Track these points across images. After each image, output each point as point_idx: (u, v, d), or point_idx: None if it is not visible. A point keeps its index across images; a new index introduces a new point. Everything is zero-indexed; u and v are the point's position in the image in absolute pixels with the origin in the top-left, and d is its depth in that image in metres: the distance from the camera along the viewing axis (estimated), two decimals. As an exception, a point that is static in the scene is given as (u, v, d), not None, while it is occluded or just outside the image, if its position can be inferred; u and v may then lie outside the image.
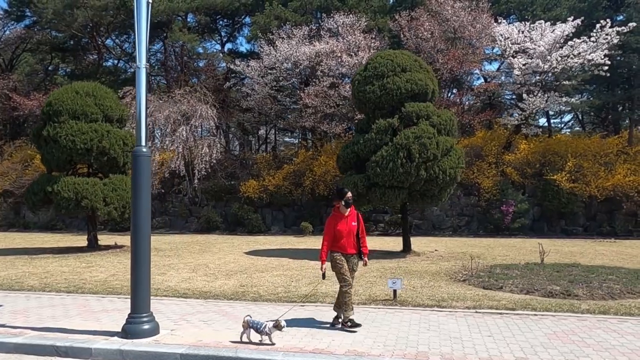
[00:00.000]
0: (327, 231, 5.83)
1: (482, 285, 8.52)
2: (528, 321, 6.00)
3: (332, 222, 5.86)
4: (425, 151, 11.37)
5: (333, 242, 5.82)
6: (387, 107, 12.21)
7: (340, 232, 5.82)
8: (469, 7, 20.83)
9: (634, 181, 19.14)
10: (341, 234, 5.82)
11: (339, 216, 5.88)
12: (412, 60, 12.56)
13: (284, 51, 21.64)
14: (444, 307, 6.84)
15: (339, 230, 5.82)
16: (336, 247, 5.84)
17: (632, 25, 18.82)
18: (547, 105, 20.32)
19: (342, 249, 5.85)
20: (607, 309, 6.53)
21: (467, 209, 21.61)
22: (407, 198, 12.28)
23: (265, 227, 22.86)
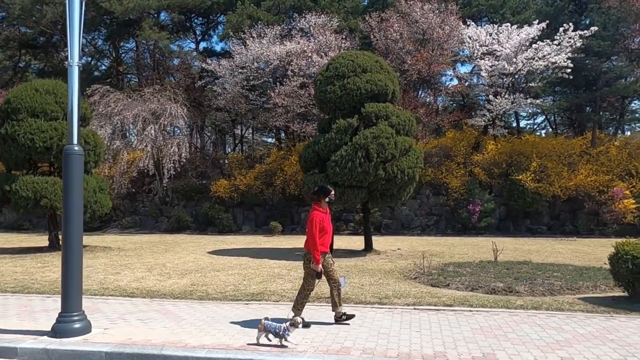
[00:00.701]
0: (316, 227, 5.63)
1: (431, 282, 8.68)
2: (461, 317, 6.15)
3: (319, 217, 5.70)
4: (384, 151, 11.52)
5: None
6: (347, 107, 12.32)
7: (326, 229, 5.75)
8: (438, 10, 21.10)
9: (595, 181, 19.64)
10: (326, 230, 5.75)
11: (323, 212, 5.79)
12: (373, 61, 12.69)
13: (254, 50, 21.62)
14: (385, 304, 6.96)
15: (325, 228, 5.73)
16: (321, 246, 5.69)
17: (594, 29, 19.30)
18: (514, 106, 20.70)
19: (325, 247, 5.77)
20: (540, 304, 6.72)
21: (436, 208, 21.90)
22: (367, 197, 12.41)
23: (236, 226, 22.81)
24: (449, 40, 20.84)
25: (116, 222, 23.87)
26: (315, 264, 5.60)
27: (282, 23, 23.35)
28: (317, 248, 5.58)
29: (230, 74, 22.41)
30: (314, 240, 5.60)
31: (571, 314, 6.22)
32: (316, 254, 5.58)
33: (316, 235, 5.60)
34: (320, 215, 5.72)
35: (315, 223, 5.64)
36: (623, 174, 20.17)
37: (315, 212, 5.75)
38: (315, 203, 5.87)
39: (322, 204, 5.84)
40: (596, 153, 20.98)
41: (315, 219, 5.66)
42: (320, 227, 5.65)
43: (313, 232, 5.62)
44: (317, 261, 5.59)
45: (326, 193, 5.89)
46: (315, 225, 5.63)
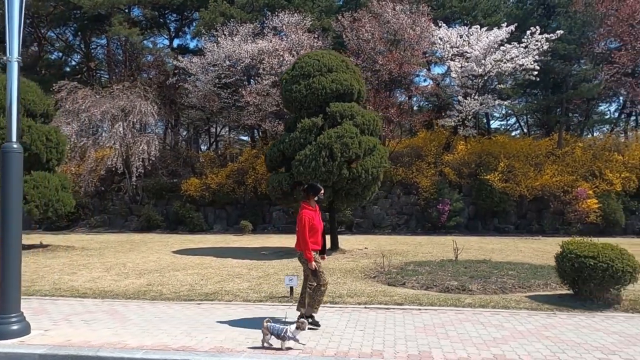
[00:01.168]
0: (307, 225, 5.51)
1: (388, 281, 8.76)
2: (408, 316, 6.23)
3: (309, 215, 5.57)
4: (347, 150, 11.56)
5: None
6: (312, 106, 12.32)
7: (316, 227, 5.65)
8: (410, 11, 21.26)
9: (560, 181, 20.09)
10: (317, 229, 5.65)
11: (312, 211, 5.69)
12: (338, 61, 12.72)
13: (226, 48, 21.44)
14: (337, 303, 6.99)
15: (315, 226, 5.63)
16: (311, 244, 5.58)
17: (560, 32, 19.74)
18: (483, 107, 21.02)
19: (317, 245, 5.67)
20: (487, 302, 6.85)
21: (407, 207, 22.10)
22: (333, 196, 12.43)
23: (207, 225, 22.62)
24: (420, 41, 21.01)
25: (84, 221, 23.43)
26: (309, 262, 5.50)
27: (255, 21, 23.21)
28: (308, 247, 5.48)
29: (202, 71, 22.20)
30: (304, 239, 5.49)
31: (515, 312, 6.36)
32: (308, 253, 5.49)
33: (307, 234, 5.49)
34: (310, 214, 5.62)
35: (305, 222, 5.52)
36: (587, 175, 20.69)
37: (305, 210, 5.64)
38: (304, 201, 5.78)
39: (311, 202, 5.75)
40: (562, 154, 21.47)
41: (305, 218, 5.55)
42: (310, 225, 5.54)
43: (303, 231, 5.50)
44: (310, 259, 5.49)
45: (316, 191, 5.80)
46: (305, 224, 5.51)
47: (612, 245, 6.81)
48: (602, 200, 19.50)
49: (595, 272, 6.45)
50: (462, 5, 27.99)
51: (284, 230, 21.95)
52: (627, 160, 20.60)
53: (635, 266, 6.49)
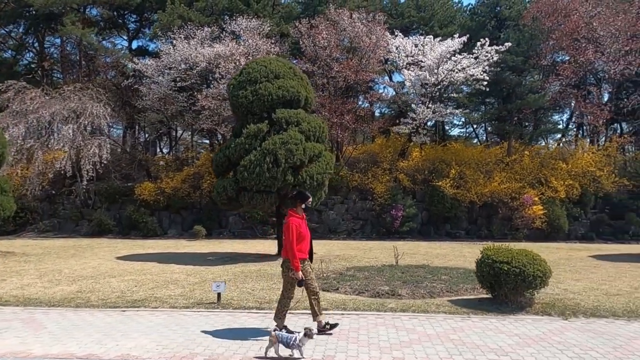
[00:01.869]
0: (294, 234, 5.42)
1: (323, 287, 8.82)
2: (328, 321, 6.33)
3: (296, 223, 5.49)
4: (292, 157, 11.65)
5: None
6: (258, 112, 12.38)
7: (303, 235, 5.55)
8: (366, 19, 21.63)
9: (508, 188, 20.78)
10: (304, 236, 5.55)
11: (299, 218, 5.61)
12: (286, 68, 12.83)
13: (182, 51, 21.25)
14: (263, 309, 7.05)
15: (302, 233, 5.53)
16: (298, 252, 5.47)
17: (508, 45, 20.49)
18: (435, 115, 21.55)
19: (303, 253, 5.55)
20: (409, 307, 7.05)
21: (362, 213, 22.38)
22: (279, 202, 12.49)
23: (161, 230, 22.28)
24: (376, 50, 21.39)
25: (33, 226, 22.67)
26: (295, 271, 5.39)
27: (213, 25, 23.09)
28: (295, 255, 5.37)
29: (157, 74, 21.90)
30: (291, 247, 5.38)
31: (432, 316, 6.57)
32: (295, 262, 5.37)
33: (294, 242, 5.39)
34: (297, 221, 5.54)
35: (293, 229, 5.42)
36: (534, 182, 21.47)
37: (292, 218, 5.54)
38: (291, 209, 5.70)
39: (298, 209, 5.66)
40: (511, 162, 22.23)
41: (292, 225, 5.45)
42: (297, 233, 5.45)
43: (291, 239, 5.39)
44: (297, 268, 5.38)
45: (303, 199, 5.70)
46: (293, 232, 5.40)
47: (526, 251, 7.13)
48: (547, 206, 20.27)
49: (508, 276, 6.74)
50: (420, 15, 28.77)
51: (239, 235, 21.87)
52: (571, 169, 21.51)
53: (546, 271, 6.82)
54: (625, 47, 20.71)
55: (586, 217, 21.51)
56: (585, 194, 21.23)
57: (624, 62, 20.99)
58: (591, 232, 21.02)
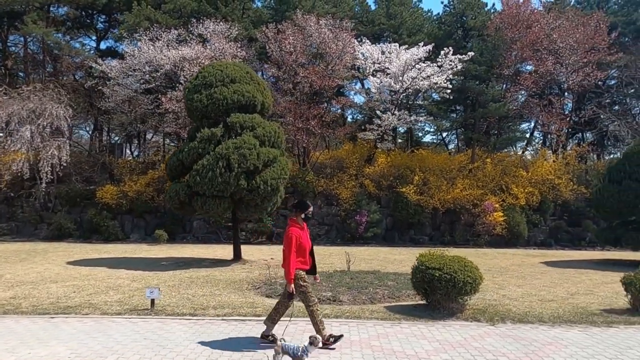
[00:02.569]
0: (293, 244, 5.29)
1: (267, 293, 8.83)
2: (248, 327, 6.29)
3: (296, 233, 5.36)
4: (245, 161, 11.61)
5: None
6: (213, 116, 12.30)
7: (304, 246, 5.41)
8: (333, 25, 21.75)
9: (470, 195, 21.10)
10: (304, 247, 5.42)
11: (300, 229, 5.46)
12: (243, 72, 12.80)
13: (147, 53, 21.00)
14: (196, 315, 6.97)
15: (303, 245, 5.39)
16: (299, 264, 5.36)
17: (471, 54, 20.89)
18: (400, 122, 21.77)
19: (305, 265, 5.42)
20: (343, 313, 7.07)
21: (328, 218, 22.41)
22: (233, 207, 12.42)
23: (123, 234, 21.87)
24: (342, 56, 21.52)
25: (-11, 229, 22.00)
26: (288, 283, 5.27)
27: (181, 27, 22.90)
28: (291, 266, 5.24)
29: (122, 75, 21.59)
30: (289, 258, 5.26)
31: (363, 322, 6.60)
32: (289, 274, 5.25)
33: (293, 253, 5.25)
34: (298, 232, 5.39)
35: (293, 240, 5.28)
36: (496, 189, 21.87)
37: (293, 228, 5.39)
38: (292, 218, 5.55)
39: (298, 219, 5.51)
40: (474, 169, 22.59)
41: (293, 236, 5.30)
42: (298, 244, 5.32)
43: (290, 249, 5.26)
44: (290, 280, 5.26)
45: (304, 208, 5.54)
46: (293, 243, 5.27)
47: (459, 257, 7.24)
48: (507, 213, 20.64)
49: (440, 282, 6.83)
50: (390, 22, 29.05)
51: (203, 239, 21.65)
52: (532, 177, 21.98)
53: (476, 277, 6.94)
54: (583, 59, 21.33)
55: (545, 224, 21.99)
56: (544, 202, 21.71)
57: (582, 74, 21.62)
58: (550, 238, 21.50)
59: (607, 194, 13.42)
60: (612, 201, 13.29)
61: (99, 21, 32.00)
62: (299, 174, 22.55)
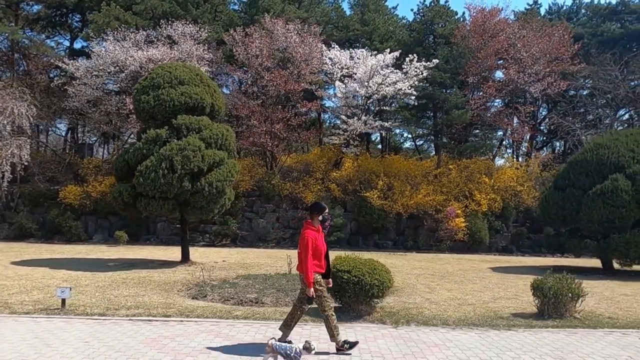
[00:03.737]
0: (310, 247, 5.19)
1: (192, 295, 8.85)
2: (159, 327, 6.33)
3: (312, 236, 5.26)
4: (189, 163, 11.63)
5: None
6: (160, 117, 12.33)
7: (320, 249, 5.30)
8: (301, 30, 21.89)
9: (433, 200, 21.29)
10: (320, 251, 5.31)
11: (315, 231, 5.36)
12: (192, 74, 12.85)
13: (113, 54, 20.95)
14: (107, 315, 6.96)
15: (319, 248, 5.29)
16: (315, 267, 5.25)
17: (436, 61, 21.14)
18: (366, 128, 21.93)
19: (320, 268, 5.31)
20: (252, 315, 7.12)
21: (294, 221, 22.43)
22: (179, 209, 12.43)
23: (86, 235, 21.74)
24: (310, 60, 21.64)
25: (-51, 228, 21.72)
26: (307, 287, 5.16)
27: (149, 28, 22.88)
28: (309, 270, 5.15)
29: (88, 75, 21.50)
30: (306, 261, 5.17)
31: (267, 323, 6.65)
32: (308, 277, 5.14)
33: (309, 256, 5.16)
34: (314, 234, 5.31)
35: (308, 243, 5.19)
36: (459, 195, 22.09)
37: (308, 231, 5.30)
38: (307, 221, 5.44)
39: (314, 221, 5.40)
40: (439, 174, 22.81)
41: (309, 239, 5.21)
42: (313, 247, 5.23)
43: (306, 253, 5.17)
44: (309, 284, 5.15)
45: (320, 210, 5.45)
46: (308, 246, 5.18)
47: (372, 260, 7.33)
48: (469, 219, 20.86)
49: (348, 285, 6.91)
50: (364, 29, 29.30)
51: (167, 241, 21.55)
52: (495, 183, 22.25)
53: (384, 280, 7.03)
54: (546, 69, 21.69)
55: (507, 230, 22.25)
56: (507, 208, 21.97)
57: (546, 83, 21.98)
58: (512, 245, 21.76)
59: (552, 202, 13.64)
60: (556, 208, 13.51)
61: (73, 20, 31.87)
62: (265, 177, 22.61)
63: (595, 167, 12.91)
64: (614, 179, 12.33)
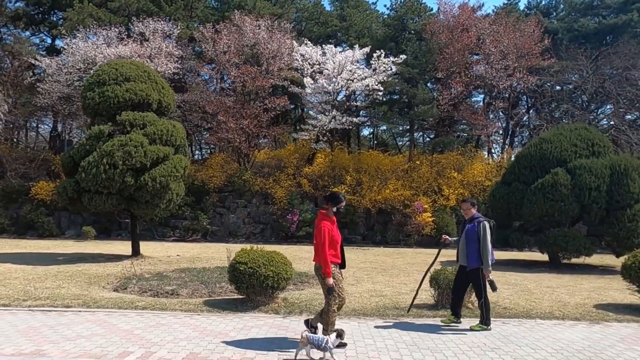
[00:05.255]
0: (326, 238, 5.17)
1: (115, 288, 9.05)
2: (52, 317, 6.53)
3: (328, 226, 5.24)
4: (130, 159, 11.82)
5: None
6: (105, 114, 12.52)
7: (336, 239, 5.30)
8: (271, 26, 22.00)
9: (401, 195, 21.41)
10: (336, 241, 5.30)
11: (331, 222, 5.34)
12: (140, 71, 13.02)
13: (83, 50, 21.15)
14: (12, 306, 7.18)
15: (335, 238, 5.29)
16: (331, 257, 5.20)
17: (403, 57, 21.22)
18: (335, 123, 22.03)
19: (337, 259, 5.28)
20: (155, 305, 7.30)
21: (265, 217, 22.65)
22: (124, 204, 12.63)
23: (59, 231, 22.07)
24: (280, 57, 21.76)
25: None
26: (327, 277, 5.11)
27: (121, 25, 23.06)
28: (327, 261, 5.09)
29: (60, 72, 21.73)
30: (324, 252, 5.10)
31: (158, 313, 6.84)
32: (327, 267, 5.09)
33: (326, 247, 5.12)
34: (330, 225, 5.28)
35: (325, 234, 5.16)
36: (429, 190, 22.20)
37: (324, 221, 5.27)
38: (323, 212, 5.41)
39: (329, 212, 5.37)
40: (408, 169, 22.91)
41: (325, 229, 5.18)
42: (330, 237, 5.21)
43: (323, 244, 5.12)
44: (328, 274, 5.10)
45: (337, 202, 5.41)
46: (325, 236, 5.15)
47: (273, 253, 7.49)
48: (437, 214, 20.98)
49: (244, 276, 7.09)
50: (342, 25, 29.41)
51: (138, 237, 21.71)
52: (463, 178, 22.33)
53: (280, 272, 7.19)
54: (514, 64, 21.72)
55: (492, 226, 22.28)
56: (475, 203, 22.03)
57: (515, 79, 22.00)
58: (480, 239, 21.82)
59: (498, 196, 13.76)
60: (502, 202, 13.63)
61: (54, 18, 32.10)
62: (237, 172, 22.81)
63: (539, 161, 13.01)
64: (554, 173, 12.42)
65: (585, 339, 5.84)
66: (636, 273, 7.41)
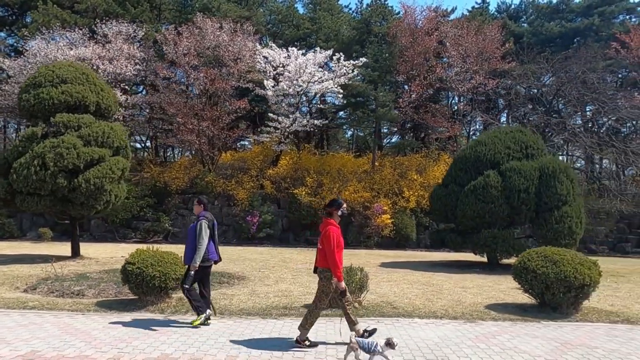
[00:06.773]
0: (334, 242, 5.25)
1: (26, 288, 9.10)
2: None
3: (336, 232, 5.34)
4: (62, 160, 11.88)
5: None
6: (40, 116, 12.59)
7: (341, 244, 5.39)
8: (235, 29, 22.10)
9: (361, 197, 21.53)
10: (342, 246, 5.40)
11: (337, 227, 5.44)
12: (78, 74, 13.09)
13: (45, 52, 21.19)
14: None
15: (341, 243, 5.37)
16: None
17: (363, 60, 21.36)
18: (296, 125, 22.14)
19: (341, 263, 5.40)
20: (52, 305, 7.37)
21: (227, 218, 22.73)
22: (59, 205, 12.67)
23: (20, 232, 22.07)
24: (242, 59, 21.86)
25: None
26: (338, 281, 5.25)
27: (85, 27, 23.12)
28: (338, 264, 5.21)
29: (20, 74, 21.76)
30: (333, 256, 5.19)
31: (42, 314, 6.92)
32: (338, 272, 5.22)
33: (335, 251, 5.21)
34: (337, 231, 5.39)
35: (333, 238, 5.27)
36: (389, 192, 22.32)
37: (332, 227, 5.37)
38: (328, 218, 5.50)
39: (334, 217, 5.49)
40: (370, 171, 23.04)
41: (333, 235, 5.29)
42: (337, 242, 5.31)
43: (333, 249, 5.22)
44: (340, 278, 5.24)
45: (338, 206, 5.52)
46: (333, 241, 5.26)
47: (166, 253, 7.59)
48: (397, 216, 21.11)
49: (131, 276, 7.18)
50: (313, 27, 29.55)
51: (100, 238, 21.85)
52: (424, 180, 22.48)
53: (167, 272, 7.27)
54: (473, 67, 21.90)
55: (437, 227, 22.44)
56: (435, 205, 22.16)
57: (475, 82, 22.18)
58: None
59: (437, 197, 13.89)
60: (439, 204, 13.76)
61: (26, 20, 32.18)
62: (199, 174, 22.89)
63: (473, 163, 13.14)
64: (486, 175, 12.56)
65: (439, 337, 5.93)
66: (521, 273, 7.53)
